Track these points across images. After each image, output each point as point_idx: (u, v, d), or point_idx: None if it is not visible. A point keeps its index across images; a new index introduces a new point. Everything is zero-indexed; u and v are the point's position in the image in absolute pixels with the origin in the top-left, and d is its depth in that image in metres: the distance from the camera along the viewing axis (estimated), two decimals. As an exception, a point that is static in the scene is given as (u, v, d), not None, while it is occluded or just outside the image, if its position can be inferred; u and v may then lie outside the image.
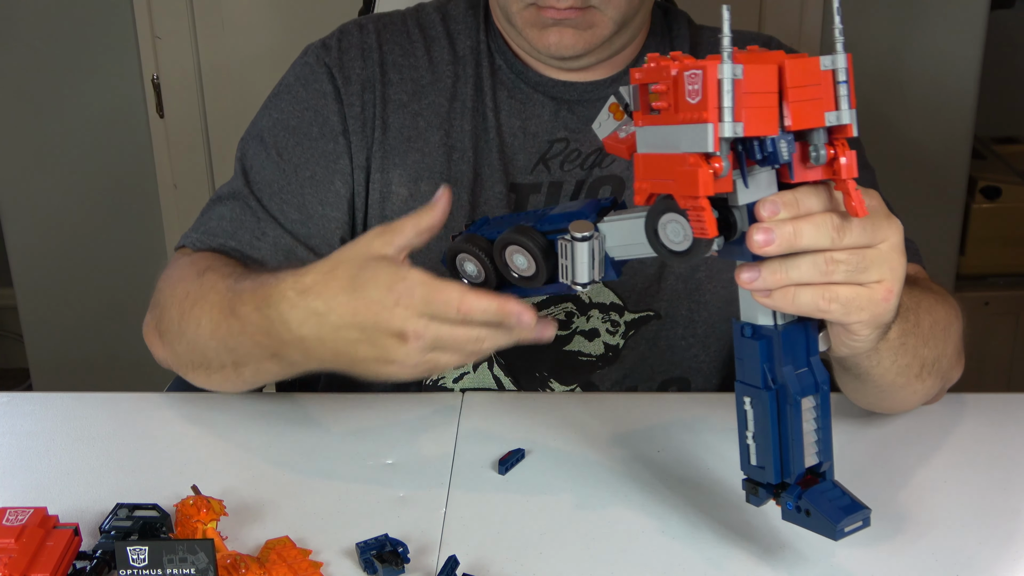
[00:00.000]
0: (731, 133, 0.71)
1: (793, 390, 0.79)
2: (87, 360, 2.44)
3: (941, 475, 1.02)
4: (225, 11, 2.21)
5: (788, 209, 0.75)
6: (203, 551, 0.82)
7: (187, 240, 1.16)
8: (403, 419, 1.12)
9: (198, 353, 1.04)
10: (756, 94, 0.71)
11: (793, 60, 0.73)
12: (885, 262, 0.79)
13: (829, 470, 0.83)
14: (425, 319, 0.85)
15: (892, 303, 0.80)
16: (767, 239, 0.74)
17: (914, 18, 2.19)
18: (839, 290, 0.78)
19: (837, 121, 0.74)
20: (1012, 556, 0.92)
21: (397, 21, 1.22)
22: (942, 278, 2.36)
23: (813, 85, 0.73)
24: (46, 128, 2.28)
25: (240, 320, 0.97)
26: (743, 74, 0.71)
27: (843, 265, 0.77)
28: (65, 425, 1.11)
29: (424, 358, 0.87)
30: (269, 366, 0.98)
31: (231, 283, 1.01)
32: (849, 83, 0.74)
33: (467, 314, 0.84)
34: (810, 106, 0.73)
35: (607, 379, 1.20)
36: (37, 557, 0.85)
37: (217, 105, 2.26)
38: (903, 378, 0.97)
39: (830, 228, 0.76)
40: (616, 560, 0.90)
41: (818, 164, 0.75)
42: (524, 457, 1.04)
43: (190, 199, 2.32)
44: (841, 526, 0.79)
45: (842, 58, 0.74)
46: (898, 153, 2.27)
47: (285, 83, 1.21)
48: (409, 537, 0.92)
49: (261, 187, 1.16)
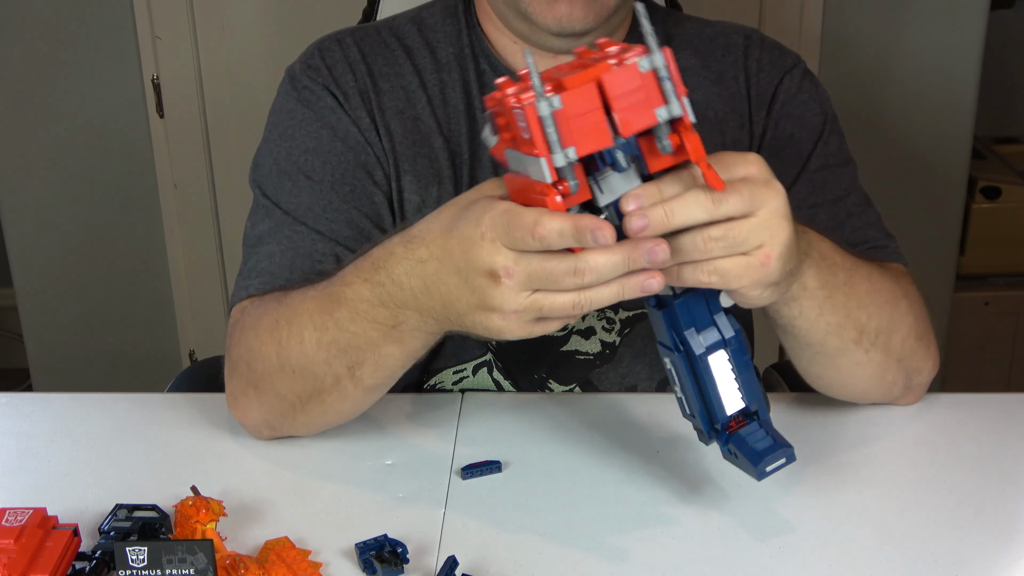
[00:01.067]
0: (564, 161, 0.77)
1: (696, 351, 0.85)
2: (87, 360, 2.44)
3: (941, 475, 1.02)
4: (225, 11, 2.21)
5: (651, 198, 0.80)
6: (202, 552, 0.82)
7: (243, 291, 1.08)
8: (403, 419, 1.12)
9: (307, 376, 0.98)
10: (581, 116, 0.77)
11: (610, 73, 0.77)
12: (764, 228, 0.82)
13: (762, 411, 0.88)
14: (514, 253, 0.81)
15: (773, 266, 0.83)
16: (641, 224, 0.79)
17: (914, 18, 2.18)
18: (718, 263, 0.82)
19: (669, 115, 0.78)
20: (1010, 556, 0.92)
21: (372, 33, 1.18)
22: (942, 278, 2.36)
23: (636, 89, 0.77)
24: (46, 128, 2.28)
25: (349, 305, 0.93)
26: (562, 102, 0.76)
27: (721, 241, 0.81)
28: (65, 426, 1.11)
29: (525, 302, 0.82)
30: (390, 350, 0.94)
31: (324, 283, 0.97)
32: (672, 77, 0.77)
33: (543, 238, 0.79)
34: (638, 109, 0.77)
35: (605, 378, 1.20)
36: (36, 558, 0.85)
37: (217, 105, 2.26)
38: (837, 339, 0.97)
39: (702, 201, 0.80)
40: (616, 560, 0.90)
41: (666, 153, 0.79)
42: (500, 470, 1.02)
43: (190, 199, 2.32)
44: (762, 466, 0.87)
45: (659, 56, 0.77)
46: (898, 153, 2.27)
47: (284, 111, 1.15)
48: (408, 537, 0.92)
49: (301, 213, 1.09)
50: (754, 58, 1.18)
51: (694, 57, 1.18)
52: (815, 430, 1.08)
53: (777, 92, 1.17)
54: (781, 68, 1.18)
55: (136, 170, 2.31)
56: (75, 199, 2.33)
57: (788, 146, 1.16)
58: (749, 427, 0.88)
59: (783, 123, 1.17)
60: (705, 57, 1.18)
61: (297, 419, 1.03)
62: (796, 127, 1.16)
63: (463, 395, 1.16)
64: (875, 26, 2.19)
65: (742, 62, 1.18)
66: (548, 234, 0.79)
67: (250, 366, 1.02)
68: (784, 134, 1.16)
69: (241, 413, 1.05)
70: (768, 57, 1.19)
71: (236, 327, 1.05)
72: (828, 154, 1.16)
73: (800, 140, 1.16)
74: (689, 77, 1.17)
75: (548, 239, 0.79)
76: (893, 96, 2.23)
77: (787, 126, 1.16)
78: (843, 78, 2.20)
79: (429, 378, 1.20)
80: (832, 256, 0.95)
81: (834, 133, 1.18)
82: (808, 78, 1.19)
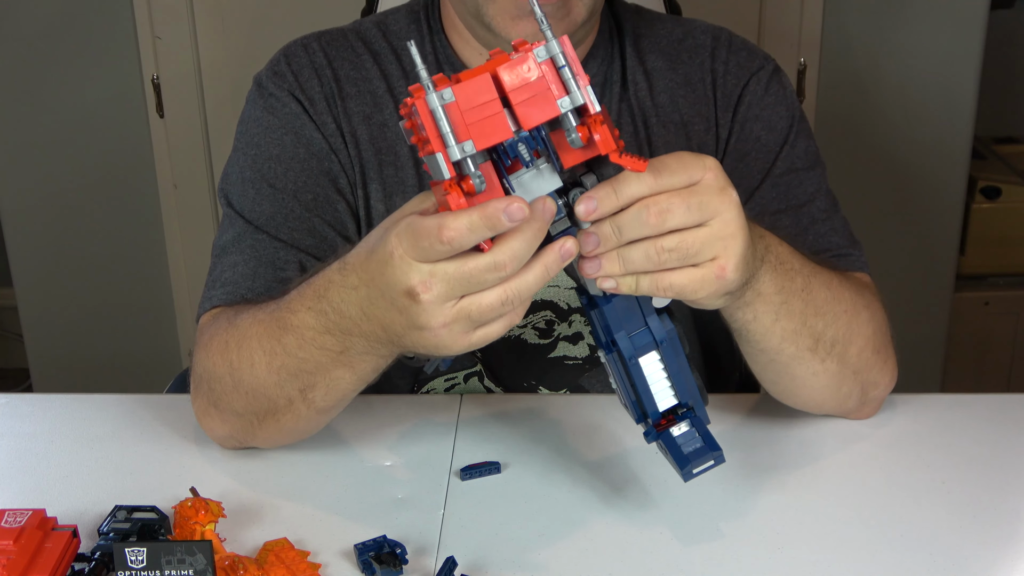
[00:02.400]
0: (461, 155, 0.74)
1: (626, 354, 0.84)
2: (87, 360, 2.44)
3: (941, 475, 1.02)
4: (225, 11, 2.20)
5: (605, 202, 0.78)
6: (201, 553, 0.82)
7: (207, 303, 1.08)
8: (401, 421, 1.12)
9: (260, 398, 0.97)
10: (476, 107, 0.74)
11: (507, 66, 0.75)
12: (718, 240, 0.81)
13: (698, 407, 0.87)
14: (427, 266, 0.77)
15: (729, 278, 0.82)
16: (593, 242, 0.79)
17: (914, 18, 2.18)
18: (672, 276, 0.81)
19: (572, 104, 0.75)
20: (1011, 556, 0.92)
21: (339, 37, 1.17)
22: (942, 278, 2.36)
23: (537, 80, 0.75)
24: (46, 128, 2.28)
25: (295, 332, 0.90)
26: (454, 95, 0.74)
27: (674, 253, 0.80)
28: (64, 427, 1.11)
29: (451, 313, 0.78)
30: (340, 374, 0.91)
31: (272, 307, 0.95)
32: (571, 65, 0.75)
33: (451, 240, 0.75)
34: (539, 101, 0.75)
35: (596, 381, 1.19)
36: (36, 559, 0.85)
37: (217, 105, 2.26)
38: (792, 346, 0.96)
39: (650, 216, 0.78)
40: (615, 561, 0.90)
41: (577, 147, 0.76)
42: (499, 471, 1.02)
43: (190, 199, 2.32)
44: (688, 468, 0.86)
45: (555, 44, 0.75)
46: (898, 153, 2.26)
47: (251, 119, 1.14)
48: (407, 538, 0.92)
49: (264, 222, 1.09)
50: (721, 60, 1.17)
51: (661, 59, 1.17)
52: (813, 430, 1.08)
53: (743, 94, 1.16)
54: (748, 70, 1.17)
55: (136, 170, 2.31)
56: (75, 199, 2.33)
57: (753, 149, 1.15)
58: (681, 426, 0.87)
59: (748, 126, 1.15)
60: (672, 59, 1.17)
61: (257, 435, 1.02)
62: (762, 130, 1.15)
63: (462, 396, 1.16)
64: (875, 26, 2.19)
65: (709, 64, 1.17)
66: (456, 234, 0.75)
67: (209, 385, 1.01)
68: (749, 137, 1.15)
69: (207, 428, 1.05)
70: (735, 59, 1.17)
71: (197, 342, 1.04)
72: (794, 157, 1.15)
73: (765, 143, 1.15)
74: (656, 79, 1.16)
75: (457, 239, 0.75)
76: (893, 96, 2.23)
77: (753, 129, 1.15)
78: (843, 78, 2.20)
79: (421, 387, 1.19)
80: (790, 261, 0.93)
81: (801, 135, 1.16)
82: (776, 80, 1.17)
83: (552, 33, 0.75)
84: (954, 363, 2.46)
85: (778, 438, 1.08)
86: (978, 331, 2.48)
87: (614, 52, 1.17)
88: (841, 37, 2.19)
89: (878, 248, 1.19)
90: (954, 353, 2.46)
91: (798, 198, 1.13)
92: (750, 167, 1.14)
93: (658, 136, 1.15)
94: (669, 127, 1.15)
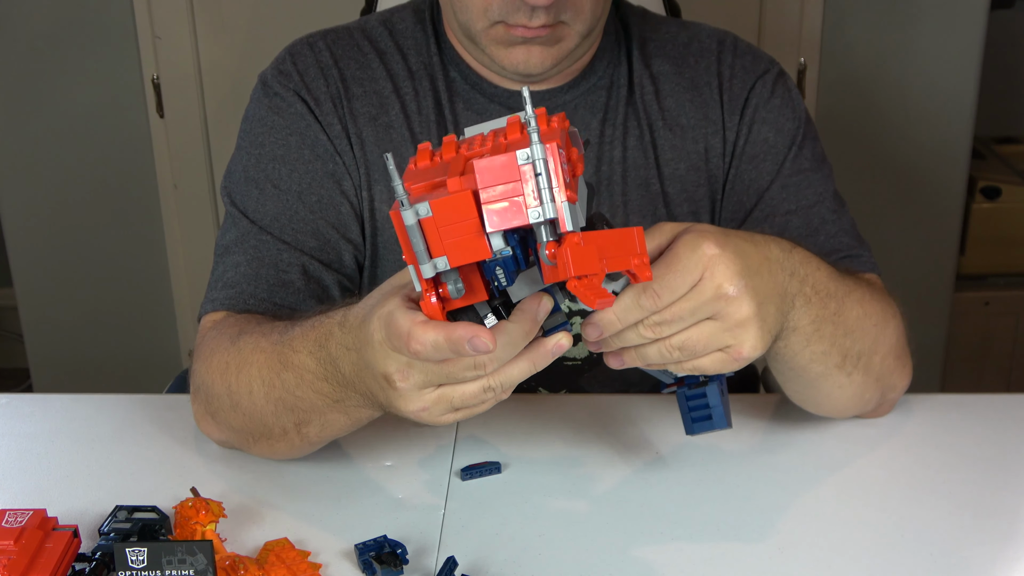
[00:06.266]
0: (432, 272, 0.71)
1: None
2: (87, 360, 2.44)
3: (941, 475, 1.02)
4: (225, 11, 2.21)
5: (609, 328, 0.81)
6: (202, 552, 0.82)
7: (209, 304, 1.07)
8: (402, 421, 1.11)
9: (256, 423, 0.97)
10: (454, 224, 0.69)
11: (486, 163, 0.69)
12: (725, 332, 0.83)
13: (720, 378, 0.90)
14: (404, 356, 0.77)
15: (747, 357, 0.84)
16: (596, 334, 0.82)
17: (914, 18, 2.18)
18: (692, 361, 0.83)
19: (542, 216, 0.69)
20: (1011, 556, 0.92)
21: (344, 35, 1.17)
22: (942, 278, 2.36)
23: (513, 186, 0.69)
24: (46, 128, 2.28)
25: (295, 371, 0.90)
26: (431, 210, 0.69)
27: (684, 351, 0.82)
28: (65, 427, 1.11)
29: (430, 398, 0.80)
30: (334, 417, 0.92)
31: (276, 337, 0.94)
32: (550, 174, 0.68)
33: (417, 353, 0.74)
34: (511, 208, 0.69)
35: (596, 382, 1.19)
36: (36, 559, 0.85)
37: (217, 105, 2.26)
38: (821, 366, 0.97)
39: (646, 330, 0.81)
40: (615, 561, 0.90)
41: (547, 264, 0.70)
42: (499, 471, 1.02)
43: (190, 199, 2.32)
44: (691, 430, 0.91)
45: (539, 149, 0.68)
46: (898, 153, 2.27)
47: (255, 118, 1.13)
48: (408, 538, 0.92)
49: (268, 223, 1.08)
50: (727, 64, 1.17)
51: (667, 63, 1.17)
52: (814, 430, 1.08)
53: (749, 97, 1.16)
54: (753, 73, 1.17)
55: (136, 170, 2.31)
56: (75, 199, 2.33)
57: (762, 151, 1.15)
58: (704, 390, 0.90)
59: (756, 128, 1.15)
60: (678, 63, 1.17)
61: (252, 450, 1.03)
62: (770, 132, 1.15)
63: (463, 396, 1.16)
64: (875, 26, 2.19)
65: (715, 67, 1.17)
66: (422, 349, 0.74)
67: (207, 398, 1.01)
68: (758, 139, 1.15)
69: (205, 431, 1.05)
70: (741, 62, 1.17)
71: (198, 348, 1.04)
72: (802, 158, 1.15)
73: (774, 145, 1.15)
74: (663, 83, 1.16)
75: (423, 354, 0.74)
76: (893, 96, 2.23)
77: (761, 131, 1.15)
78: (843, 78, 2.20)
79: None
80: (826, 286, 0.93)
81: (808, 137, 1.17)
82: (781, 82, 1.18)
83: (538, 136, 0.69)
84: (954, 363, 2.46)
85: (778, 438, 1.08)
86: (978, 331, 2.48)
87: (620, 55, 1.17)
88: (841, 37, 2.19)
89: (878, 248, 1.19)
90: (954, 353, 2.46)
91: (808, 199, 1.14)
92: (760, 169, 1.15)
93: (664, 140, 1.15)
94: (675, 131, 1.15)
